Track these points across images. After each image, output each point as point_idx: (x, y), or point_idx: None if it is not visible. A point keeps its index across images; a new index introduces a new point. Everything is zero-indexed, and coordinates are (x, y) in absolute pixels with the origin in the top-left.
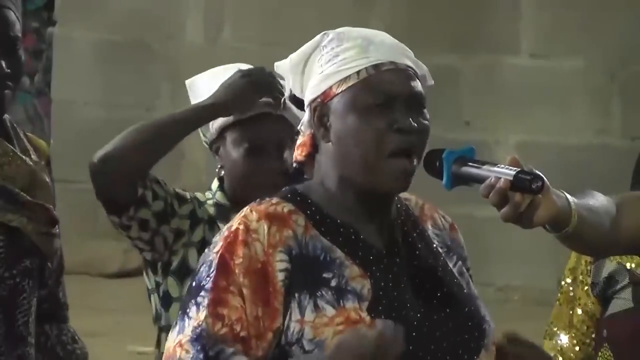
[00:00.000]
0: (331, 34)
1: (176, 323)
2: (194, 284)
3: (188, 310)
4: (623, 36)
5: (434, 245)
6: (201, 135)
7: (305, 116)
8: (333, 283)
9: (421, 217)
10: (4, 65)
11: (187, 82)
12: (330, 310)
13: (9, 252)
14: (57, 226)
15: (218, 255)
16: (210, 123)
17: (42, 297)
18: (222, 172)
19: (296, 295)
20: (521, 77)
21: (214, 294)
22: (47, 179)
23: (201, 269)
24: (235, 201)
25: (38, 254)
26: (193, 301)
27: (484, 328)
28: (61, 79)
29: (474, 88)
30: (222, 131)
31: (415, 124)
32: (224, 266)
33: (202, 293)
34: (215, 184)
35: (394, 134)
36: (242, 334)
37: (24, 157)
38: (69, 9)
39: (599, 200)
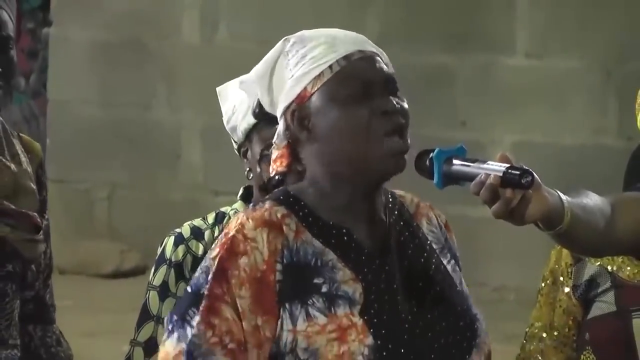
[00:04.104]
0: (292, 38)
1: (173, 328)
2: (190, 289)
3: (189, 318)
4: (618, 35)
5: (428, 242)
6: (232, 141)
7: (279, 127)
8: (324, 289)
9: (416, 215)
10: None
11: (218, 89)
12: (322, 319)
13: None
14: (40, 232)
15: (216, 262)
16: (239, 125)
17: (27, 299)
18: (251, 176)
19: (287, 305)
20: (517, 77)
21: (209, 301)
22: (32, 185)
23: (198, 276)
24: None
25: (20, 257)
26: (194, 309)
27: (475, 327)
28: (57, 78)
29: (469, 88)
30: (248, 134)
31: (398, 105)
32: (221, 274)
33: (201, 300)
34: (240, 192)
35: (380, 118)
36: (231, 346)
37: (8, 163)
38: (65, 8)
39: (592, 199)
